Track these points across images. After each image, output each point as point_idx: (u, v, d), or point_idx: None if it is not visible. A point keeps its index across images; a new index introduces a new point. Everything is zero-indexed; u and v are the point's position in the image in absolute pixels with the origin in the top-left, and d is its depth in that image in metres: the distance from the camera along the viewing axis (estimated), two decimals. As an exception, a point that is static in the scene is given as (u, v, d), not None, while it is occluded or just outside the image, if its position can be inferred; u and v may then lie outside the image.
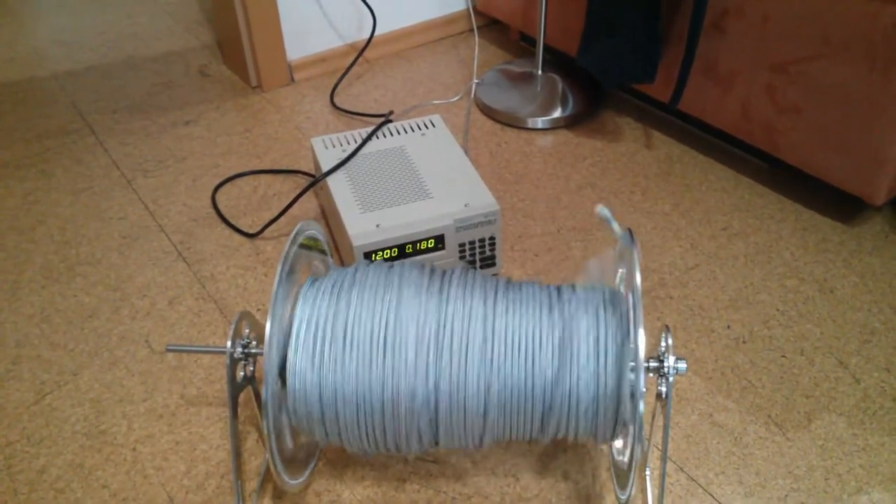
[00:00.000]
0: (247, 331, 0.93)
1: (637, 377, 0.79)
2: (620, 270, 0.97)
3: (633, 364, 0.82)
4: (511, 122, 1.67)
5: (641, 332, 0.79)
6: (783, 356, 1.17)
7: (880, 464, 1.03)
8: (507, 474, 1.02)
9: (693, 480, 1.01)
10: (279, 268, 0.86)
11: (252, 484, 1.01)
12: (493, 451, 1.05)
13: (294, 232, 0.91)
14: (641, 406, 0.78)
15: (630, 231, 0.90)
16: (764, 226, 1.40)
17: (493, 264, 1.27)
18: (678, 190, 1.49)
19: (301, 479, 0.96)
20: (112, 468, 1.04)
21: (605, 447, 1.05)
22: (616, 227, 0.94)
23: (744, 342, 1.20)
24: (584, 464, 1.03)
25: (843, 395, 1.12)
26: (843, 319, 1.23)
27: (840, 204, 1.43)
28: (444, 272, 0.92)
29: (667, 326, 0.88)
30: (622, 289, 0.95)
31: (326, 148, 1.36)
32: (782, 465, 1.03)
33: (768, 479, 1.02)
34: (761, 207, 1.44)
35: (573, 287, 0.91)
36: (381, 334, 0.84)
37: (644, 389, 0.79)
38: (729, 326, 1.22)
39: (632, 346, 0.83)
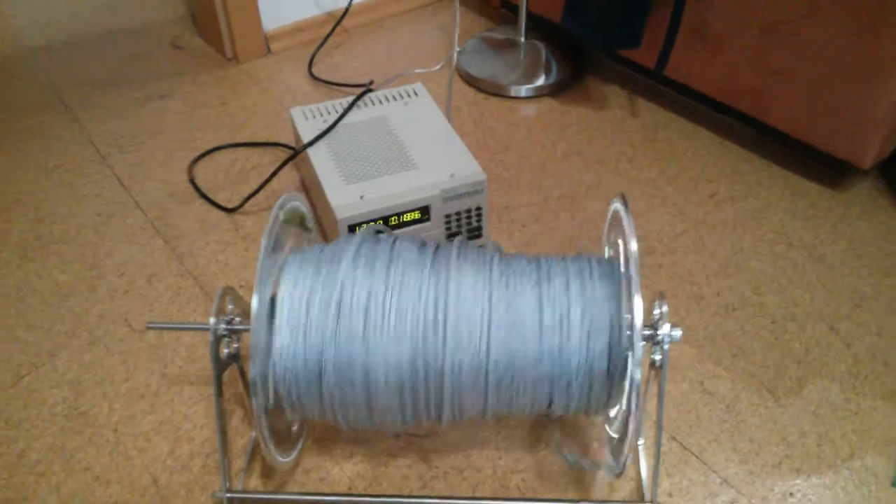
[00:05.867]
0: (230, 307, 0.90)
1: (634, 345, 0.77)
2: (612, 237, 0.95)
3: (629, 333, 0.80)
4: (494, 90, 1.64)
5: (639, 300, 0.77)
6: (773, 322, 1.16)
7: (873, 428, 1.02)
8: (498, 447, 1.01)
9: (686, 449, 1.00)
10: (264, 240, 0.83)
11: (239, 463, 0.99)
12: (483, 425, 1.04)
13: (278, 203, 0.88)
14: (639, 375, 0.77)
15: (623, 196, 0.87)
16: (752, 192, 1.39)
17: (480, 235, 1.24)
18: (664, 157, 1.47)
19: (291, 457, 0.94)
20: (94, 450, 1.02)
21: (597, 418, 1.04)
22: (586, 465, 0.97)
23: (734, 309, 1.18)
24: (576, 435, 1.02)
25: (834, 361, 1.11)
26: (834, 285, 1.22)
27: (827, 169, 1.42)
28: (436, 244, 0.90)
29: (661, 293, 0.86)
30: (613, 256, 0.93)
31: (306, 118, 1.32)
32: (775, 431, 1.02)
33: (762, 446, 1.01)
34: (748, 173, 1.43)
35: (565, 258, 0.89)
36: (373, 307, 0.82)
37: (641, 357, 0.78)
38: (719, 294, 1.21)
39: (627, 314, 0.81)
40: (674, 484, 0.97)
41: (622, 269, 0.86)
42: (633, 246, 0.80)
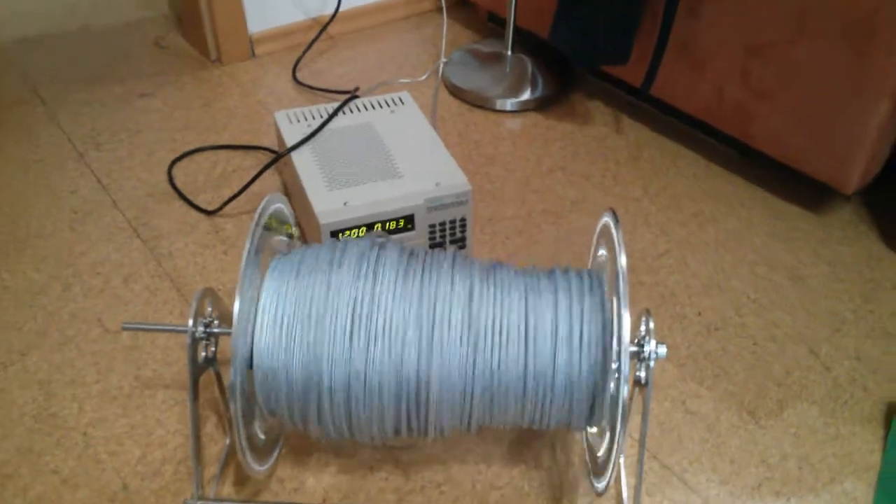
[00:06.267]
0: (209, 309, 0.88)
1: (622, 362, 0.76)
2: (601, 252, 0.94)
3: (617, 349, 0.79)
4: (480, 102, 1.64)
5: (627, 316, 0.76)
6: (755, 343, 1.16)
7: (853, 453, 1.02)
8: (478, 462, 0.99)
9: (667, 468, 1.00)
10: (248, 241, 0.81)
11: (211, 470, 0.97)
12: (463, 438, 1.02)
13: (263, 204, 0.87)
14: (626, 392, 0.76)
15: (613, 211, 0.87)
16: (734, 213, 1.39)
17: (464, 246, 1.23)
18: (648, 175, 1.47)
19: (266, 465, 0.92)
20: (62, 453, 0.99)
21: (578, 434, 1.03)
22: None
23: (716, 329, 1.18)
24: (556, 451, 1.01)
25: (814, 384, 1.11)
26: (814, 308, 1.22)
27: (810, 193, 1.43)
28: (424, 252, 0.88)
29: (647, 310, 0.86)
30: (601, 271, 0.92)
31: (290, 122, 1.31)
32: (755, 453, 1.02)
33: (742, 467, 1.00)
34: (731, 194, 1.43)
35: (554, 270, 0.88)
36: (357, 315, 0.80)
37: (628, 373, 0.77)
38: (700, 313, 1.21)
39: (615, 330, 0.80)
40: None
41: (609, 284, 0.85)
42: (623, 261, 0.79)
